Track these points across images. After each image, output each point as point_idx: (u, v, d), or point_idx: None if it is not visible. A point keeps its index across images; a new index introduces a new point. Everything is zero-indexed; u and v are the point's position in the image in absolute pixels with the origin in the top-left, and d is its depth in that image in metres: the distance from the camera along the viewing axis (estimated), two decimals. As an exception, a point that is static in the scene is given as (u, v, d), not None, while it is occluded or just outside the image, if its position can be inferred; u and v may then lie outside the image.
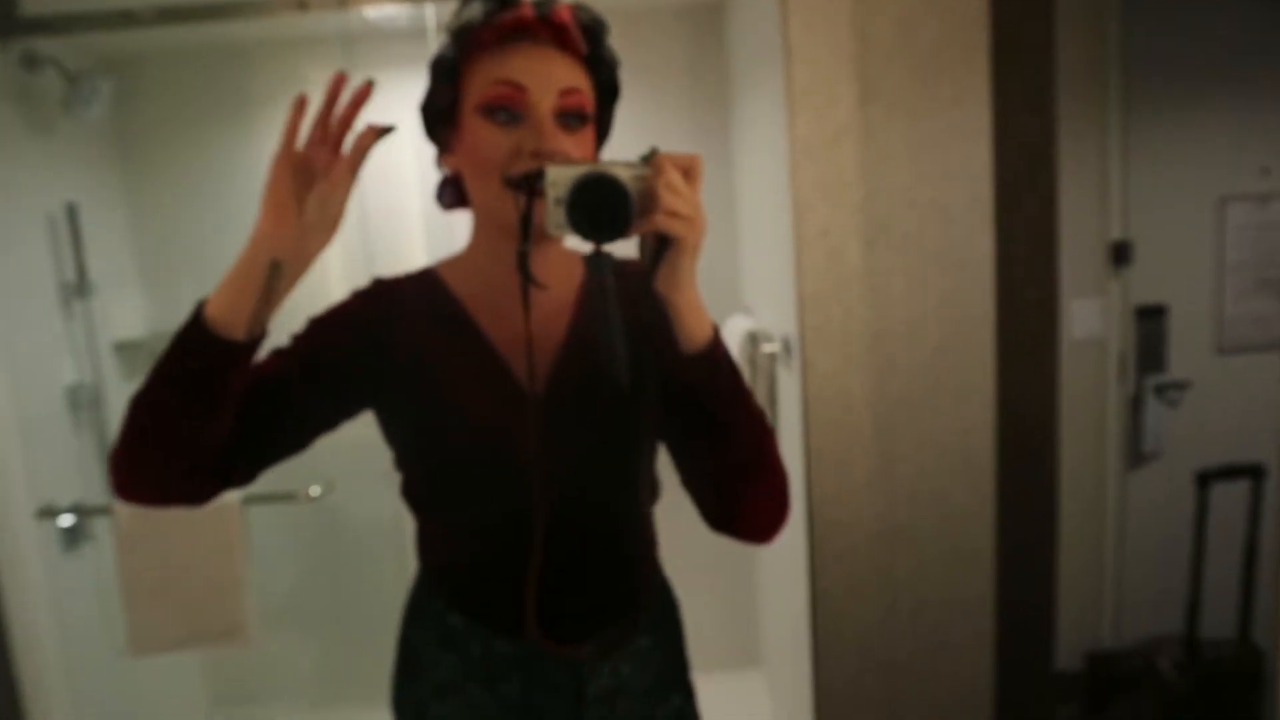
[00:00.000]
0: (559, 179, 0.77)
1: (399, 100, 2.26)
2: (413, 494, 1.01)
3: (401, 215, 2.44)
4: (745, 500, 0.90)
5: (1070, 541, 2.28)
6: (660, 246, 0.79)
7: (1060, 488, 1.95)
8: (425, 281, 1.00)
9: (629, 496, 0.97)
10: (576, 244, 0.86)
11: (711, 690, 1.22)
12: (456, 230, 1.11)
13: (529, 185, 0.81)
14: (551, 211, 0.78)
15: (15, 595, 1.92)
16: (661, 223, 0.76)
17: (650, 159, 0.79)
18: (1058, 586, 1.91)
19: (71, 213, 2.22)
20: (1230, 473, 1.91)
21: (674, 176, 0.77)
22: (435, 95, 0.94)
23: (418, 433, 0.95)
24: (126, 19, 1.80)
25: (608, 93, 0.97)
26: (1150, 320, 2.30)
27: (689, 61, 2.47)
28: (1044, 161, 1.78)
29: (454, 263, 1.01)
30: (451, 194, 0.99)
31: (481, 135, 0.88)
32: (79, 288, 2.25)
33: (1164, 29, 2.21)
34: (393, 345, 0.93)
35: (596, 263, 0.79)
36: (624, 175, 0.77)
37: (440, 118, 0.95)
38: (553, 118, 0.87)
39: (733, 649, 2.69)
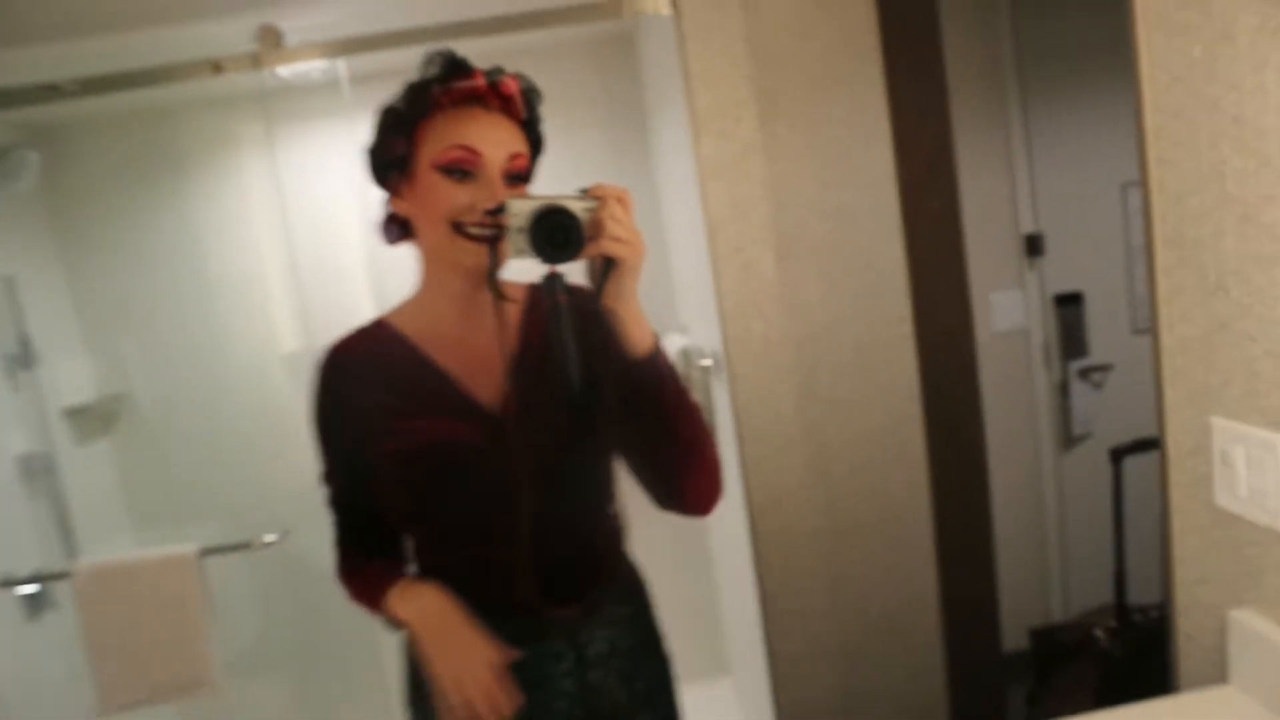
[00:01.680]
0: (520, 210, 0.92)
1: (321, 150, 2.32)
2: (406, 515, 1.11)
3: (342, 261, 2.48)
4: (688, 481, 1.06)
5: (1011, 524, 2.35)
6: (606, 268, 0.93)
7: (996, 474, 2.02)
8: (376, 333, 1.12)
9: (592, 479, 1.12)
10: (518, 273, 1.02)
11: (685, 700, 1.28)
12: (398, 271, 1.22)
13: (495, 219, 0.97)
14: (513, 238, 0.93)
15: (-23, 667, 1.93)
16: (607, 247, 0.92)
17: (590, 192, 0.94)
18: (999, 569, 1.98)
19: (9, 285, 2.25)
20: (1139, 447, 1.99)
21: (616, 207, 0.93)
22: (388, 146, 1.06)
23: (399, 464, 1.05)
24: (50, 92, 1.83)
25: (537, 152, 1.13)
26: (1068, 308, 2.39)
27: (606, 91, 2.55)
28: (944, 162, 1.86)
29: (403, 308, 1.14)
30: (396, 231, 1.12)
31: (439, 190, 1.01)
32: (23, 358, 2.27)
33: (1055, 17, 2.30)
34: (362, 395, 1.06)
35: (551, 283, 0.96)
36: (574, 207, 0.92)
37: (392, 165, 1.07)
38: (501, 178, 1.02)
39: (701, 660, 2.73)
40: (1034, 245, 2.37)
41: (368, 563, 1.14)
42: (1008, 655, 2.07)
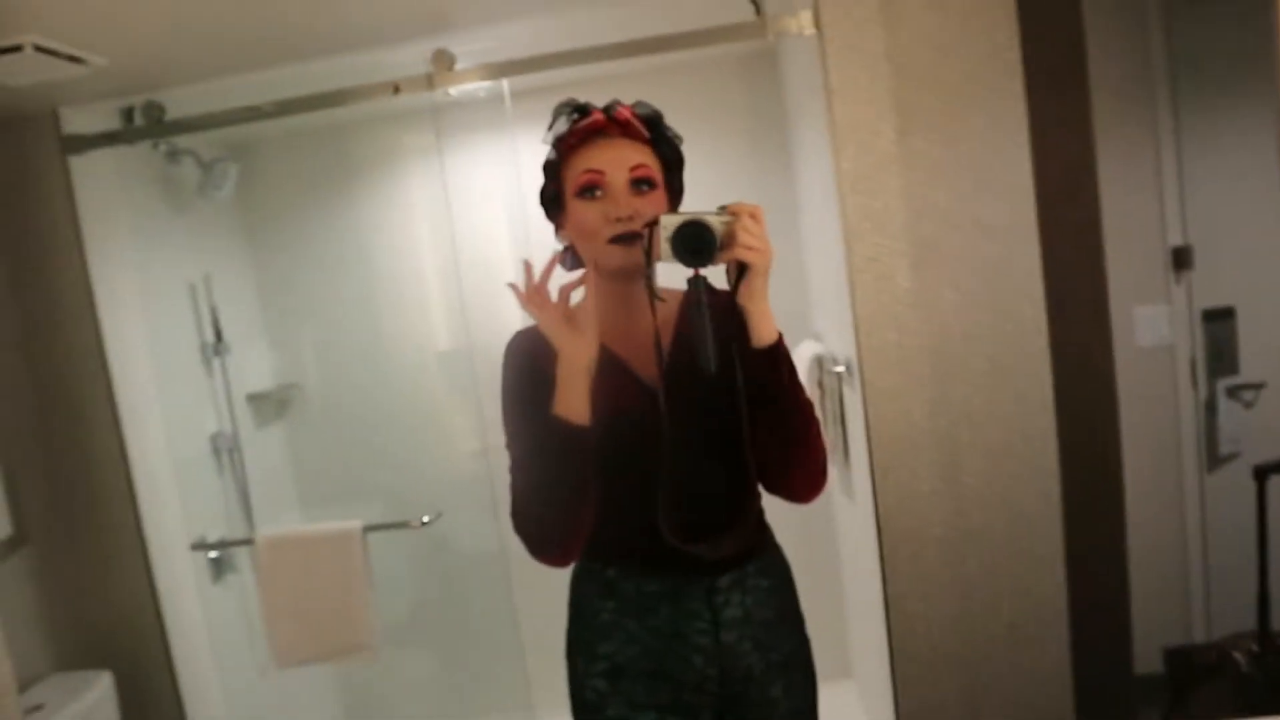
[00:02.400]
0: (668, 224, 1.11)
1: (485, 159, 2.49)
2: None
3: (499, 266, 2.67)
4: (795, 467, 1.21)
5: (1152, 543, 2.29)
6: (740, 271, 1.11)
7: (1136, 492, 1.99)
8: None
9: (733, 450, 1.21)
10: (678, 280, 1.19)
11: None
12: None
13: (649, 230, 1.13)
14: (663, 246, 1.11)
15: (174, 618, 2.19)
16: (740, 254, 1.09)
17: (728, 209, 1.11)
18: (1137, 589, 1.95)
19: (208, 281, 2.54)
20: (1285, 465, 1.92)
21: (748, 220, 1.10)
22: (546, 189, 1.28)
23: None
24: (252, 113, 2.08)
25: (673, 164, 1.27)
26: (1218, 323, 2.31)
27: (750, 106, 2.64)
28: (1085, 173, 1.86)
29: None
30: (571, 259, 1.29)
31: (580, 212, 1.20)
32: (216, 347, 2.55)
33: (1207, 22, 2.24)
34: (548, 366, 1.18)
35: (694, 283, 1.13)
36: (712, 220, 1.11)
37: (552, 205, 1.28)
38: (626, 188, 1.19)
39: (824, 662, 2.75)
40: (1182, 258, 2.30)
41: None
42: (1143, 676, 2.03)
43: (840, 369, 2.07)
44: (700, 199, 1.24)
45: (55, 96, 2.05)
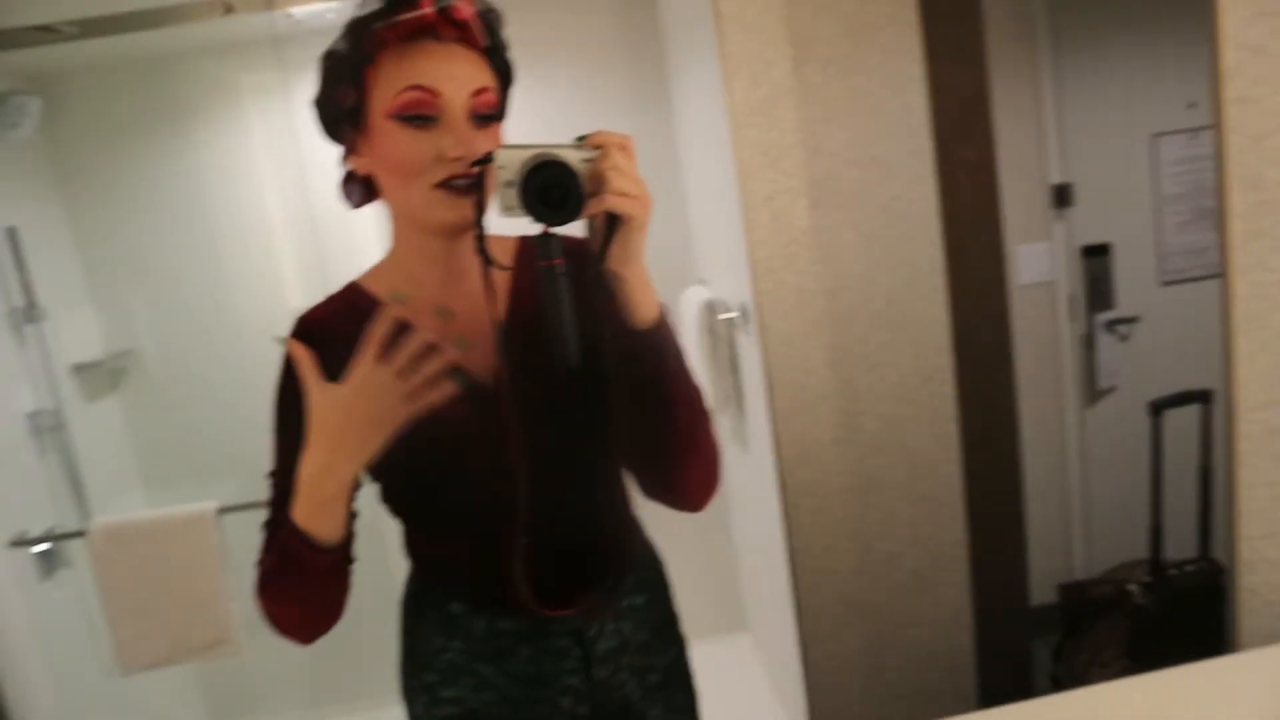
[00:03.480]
0: (508, 161, 0.79)
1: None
2: (393, 499, 1.01)
3: (355, 212, 2.42)
4: (684, 470, 0.94)
5: (1036, 479, 2.33)
6: (610, 226, 0.80)
7: (1022, 428, 2.00)
8: (349, 298, 1.00)
9: (595, 463, 1.01)
10: (501, 225, 0.88)
11: (702, 657, 1.25)
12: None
13: (480, 169, 0.84)
14: (502, 193, 0.79)
15: (-6, 626, 1.91)
16: (611, 202, 0.78)
17: (589, 140, 0.81)
18: (1027, 523, 1.96)
19: (12, 236, 2.19)
20: (1180, 400, 1.97)
21: (619, 157, 0.79)
22: (336, 96, 0.92)
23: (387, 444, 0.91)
24: (46, 34, 1.77)
25: (508, 84, 0.98)
26: (1095, 259, 2.35)
27: (623, 36, 2.47)
28: (979, 109, 1.81)
29: (378, 269, 1.02)
30: (359, 192, 0.99)
31: (399, 141, 0.88)
32: (27, 312, 2.22)
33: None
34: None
35: (546, 244, 0.81)
36: (571, 158, 0.79)
37: (344, 118, 0.93)
38: (466, 118, 0.89)
39: (718, 616, 2.74)
40: (1062, 196, 2.32)
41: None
42: (1034, 609, 2.06)
43: (733, 314, 1.98)
44: (562, 135, 0.86)
45: None
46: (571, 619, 1.00)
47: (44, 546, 2.10)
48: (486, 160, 0.81)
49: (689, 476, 0.95)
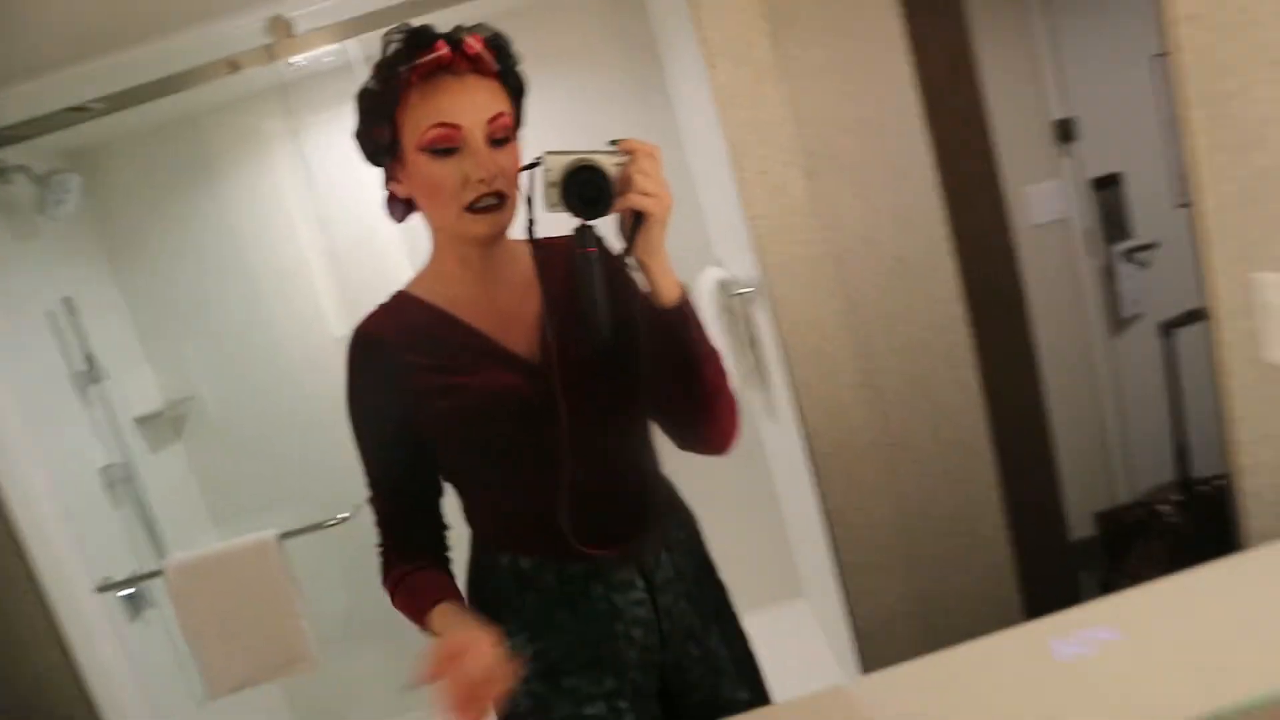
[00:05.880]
0: (554, 165, 0.95)
1: (340, 133, 2.33)
2: (458, 470, 1.14)
3: (379, 239, 2.52)
4: (711, 424, 1.09)
5: (1068, 413, 2.34)
6: (635, 222, 0.96)
7: (1048, 366, 2.01)
8: (401, 304, 1.14)
9: (629, 421, 1.14)
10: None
11: (762, 626, 1.31)
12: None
13: (528, 171, 1.00)
14: (546, 192, 0.96)
15: (93, 668, 2.04)
16: (636, 201, 0.94)
17: (621, 145, 0.96)
18: (1060, 458, 1.97)
19: (69, 306, 2.33)
20: (1189, 319, 1.96)
21: (646, 162, 0.95)
22: (373, 133, 1.07)
23: (455, 424, 1.08)
24: (78, 114, 1.89)
25: (520, 96, 1.10)
26: (1107, 190, 2.34)
27: (616, 38, 2.53)
28: (963, 58, 1.83)
29: (421, 276, 1.16)
30: (401, 208, 1.13)
31: (431, 172, 1.02)
32: (90, 374, 2.36)
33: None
34: (401, 365, 1.07)
35: (582, 235, 0.99)
36: (605, 162, 0.95)
37: (382, 151, 1.08)
38: (486, 144, 1.02)
39: (774, 584, 2.78)
40: (1066, 131, 2.32)
41: (415, 573, 1.12)
42: (1077, 542, 2.08)
43: (747, 290, 2.02)
44: (575, 137, 1.05)
45: None
46: (630, 554, 1.13)
47: (128, 591, 2.24)
48: (534, 165, 0.97)
49: (719, 427, 1.10)
